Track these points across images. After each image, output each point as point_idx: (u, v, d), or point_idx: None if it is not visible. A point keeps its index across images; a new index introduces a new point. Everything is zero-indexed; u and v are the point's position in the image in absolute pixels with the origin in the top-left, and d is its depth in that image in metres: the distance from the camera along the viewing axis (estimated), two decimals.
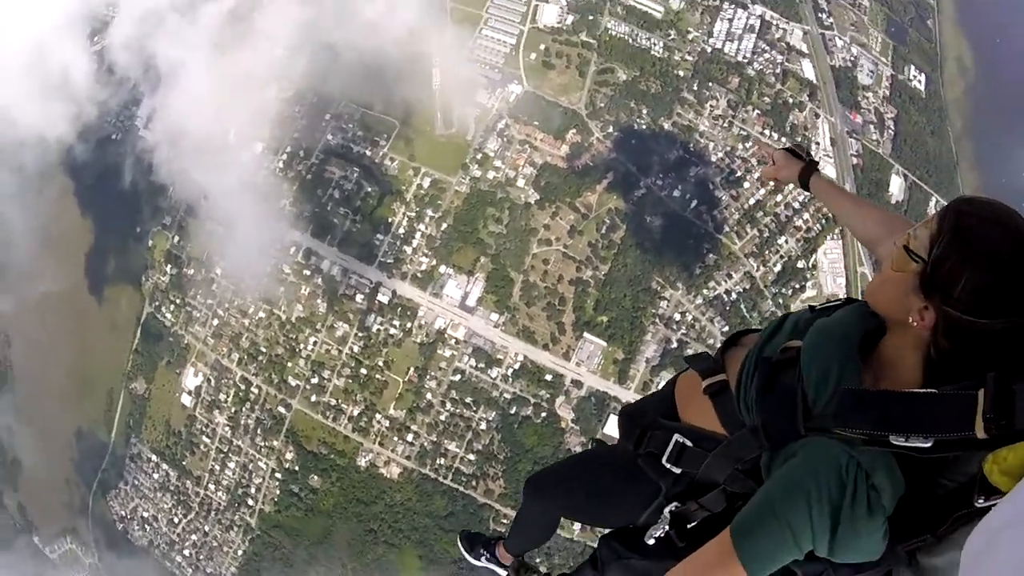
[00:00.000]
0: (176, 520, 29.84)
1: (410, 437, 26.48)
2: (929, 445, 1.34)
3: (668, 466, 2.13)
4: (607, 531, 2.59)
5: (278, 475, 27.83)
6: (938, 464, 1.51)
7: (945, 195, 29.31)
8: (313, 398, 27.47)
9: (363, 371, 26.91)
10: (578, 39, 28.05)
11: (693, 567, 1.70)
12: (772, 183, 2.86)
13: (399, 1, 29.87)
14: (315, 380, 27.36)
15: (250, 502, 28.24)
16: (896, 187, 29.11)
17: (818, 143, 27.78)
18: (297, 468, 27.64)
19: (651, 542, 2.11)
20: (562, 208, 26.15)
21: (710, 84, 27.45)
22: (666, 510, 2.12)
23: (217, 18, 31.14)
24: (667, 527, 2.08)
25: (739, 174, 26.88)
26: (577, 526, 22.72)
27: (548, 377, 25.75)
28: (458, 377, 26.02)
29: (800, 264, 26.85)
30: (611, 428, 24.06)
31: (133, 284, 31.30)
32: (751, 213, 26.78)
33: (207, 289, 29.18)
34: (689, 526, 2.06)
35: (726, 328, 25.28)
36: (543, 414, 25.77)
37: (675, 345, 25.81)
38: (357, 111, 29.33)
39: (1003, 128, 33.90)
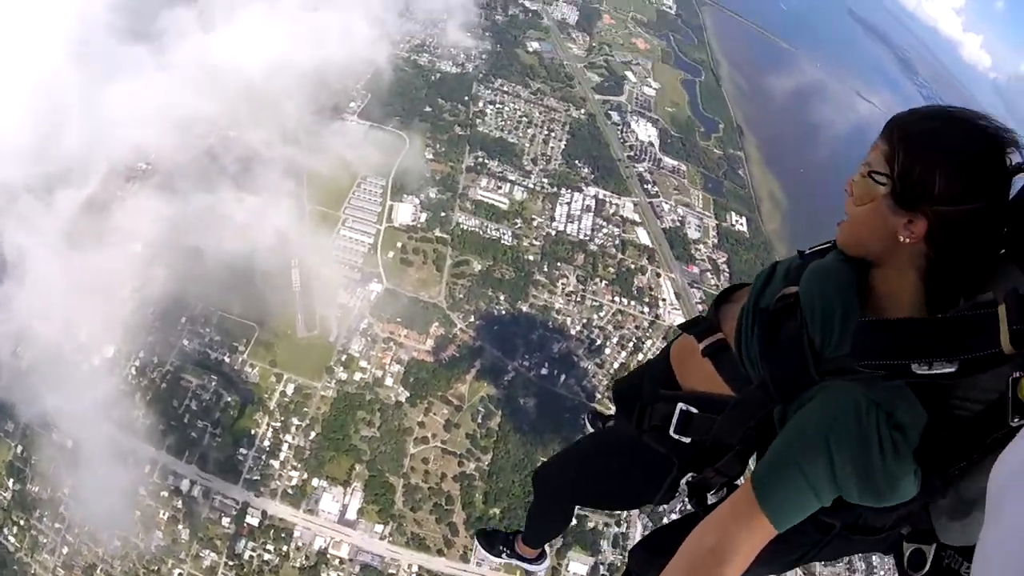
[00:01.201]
0: None
1: None
2: (954, 369, 1.30)
3: (676, 437, 2.06)
4: (634, 546, 2.47)
5: None
6: (946, 389, 1.48)
7: None
8: None
9: None
10: (433, 235, 29.55)
11: (718, 521, 1.58)
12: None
13: (257, 203, 30.30)
14: None
15: None
16: None
17: (664, 299, 30.24)
18: None
19: (674, 517, 1.97)
20: (434, 403, 26.07)
21: (559, 264, 29.55)
22: (682, 482, 2.07)
23: (73, 206, 29.85)
24: (685, 499, 1.99)
25: (599, 342, 28.44)
26: None
27: None
28: None
29: None
30: None
31: None
32: (617, 376, 28.12)
33: (54, 511, 25.43)
34: (709, 495, 1.98)
35: None
36: None
37: (574, 521, 25.62)
38: (214, 314, 28.25)
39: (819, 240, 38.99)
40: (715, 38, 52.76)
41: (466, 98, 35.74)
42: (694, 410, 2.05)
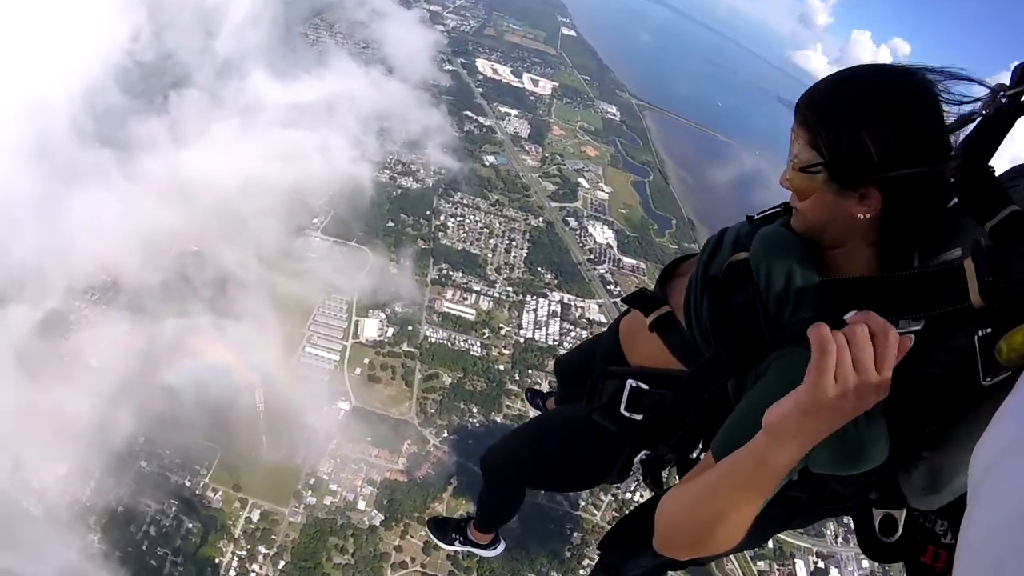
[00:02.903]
0: None
1: None
2: (920, 327, 1.26)
3: (627, 415, 1.96)
4: (603, 539, 2.36)
5: None
6: (912, 350, 1.30)
7: None
8: None
9: None
10: (400, 350, 29.44)
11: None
12: None
13: (219, 320, 29.96)
14: None
15: None
16: None
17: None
18: None
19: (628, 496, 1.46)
20: (411, 525, 24.97)
21: (530, 371, 29.53)
22: (636, 460, 2.02)
23: (28, 323, 28.79)
24: (640, 477, 1.96)
25: None
26: None
27: None
28: None
29: None
30: None
31: None
32: None
33: None
34: (664, 472, 1.94)
35: None
36: None
37: None
38: (174, 436, 27.07)
39: None
40: (659, 139, 56.46)
41: (428, 212, 36.97)
42: (644, 386, 1.98)
